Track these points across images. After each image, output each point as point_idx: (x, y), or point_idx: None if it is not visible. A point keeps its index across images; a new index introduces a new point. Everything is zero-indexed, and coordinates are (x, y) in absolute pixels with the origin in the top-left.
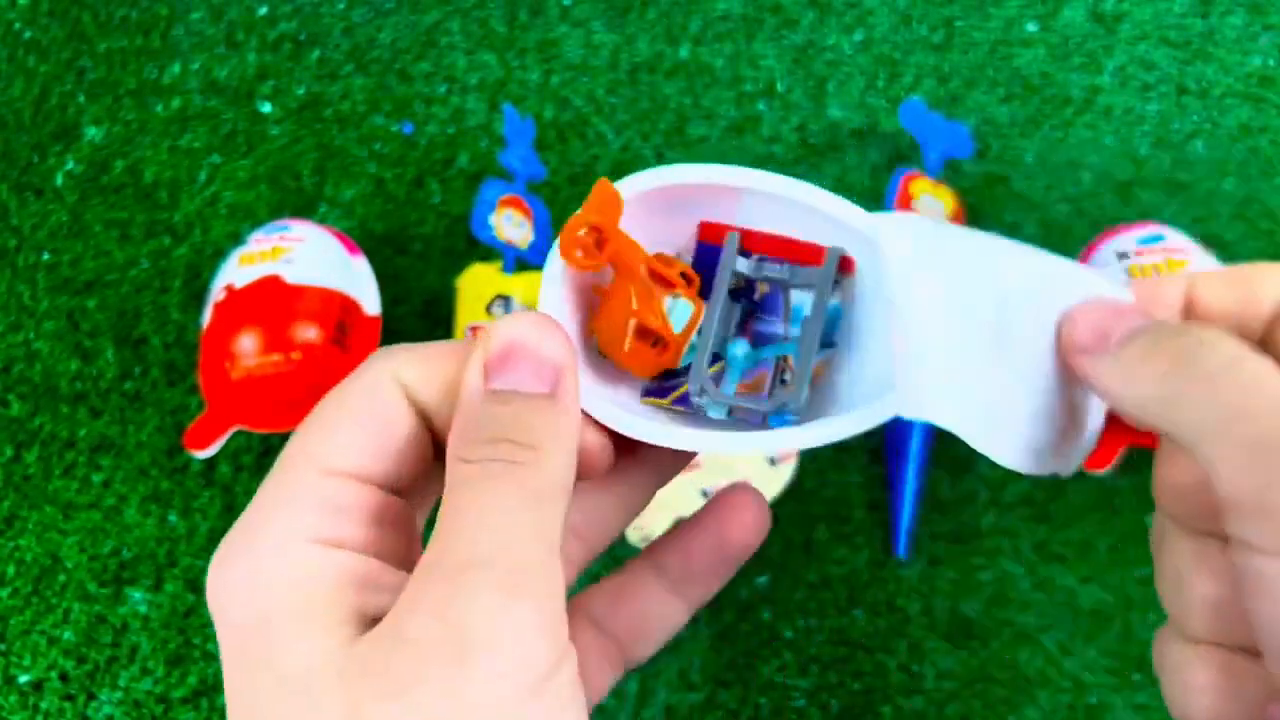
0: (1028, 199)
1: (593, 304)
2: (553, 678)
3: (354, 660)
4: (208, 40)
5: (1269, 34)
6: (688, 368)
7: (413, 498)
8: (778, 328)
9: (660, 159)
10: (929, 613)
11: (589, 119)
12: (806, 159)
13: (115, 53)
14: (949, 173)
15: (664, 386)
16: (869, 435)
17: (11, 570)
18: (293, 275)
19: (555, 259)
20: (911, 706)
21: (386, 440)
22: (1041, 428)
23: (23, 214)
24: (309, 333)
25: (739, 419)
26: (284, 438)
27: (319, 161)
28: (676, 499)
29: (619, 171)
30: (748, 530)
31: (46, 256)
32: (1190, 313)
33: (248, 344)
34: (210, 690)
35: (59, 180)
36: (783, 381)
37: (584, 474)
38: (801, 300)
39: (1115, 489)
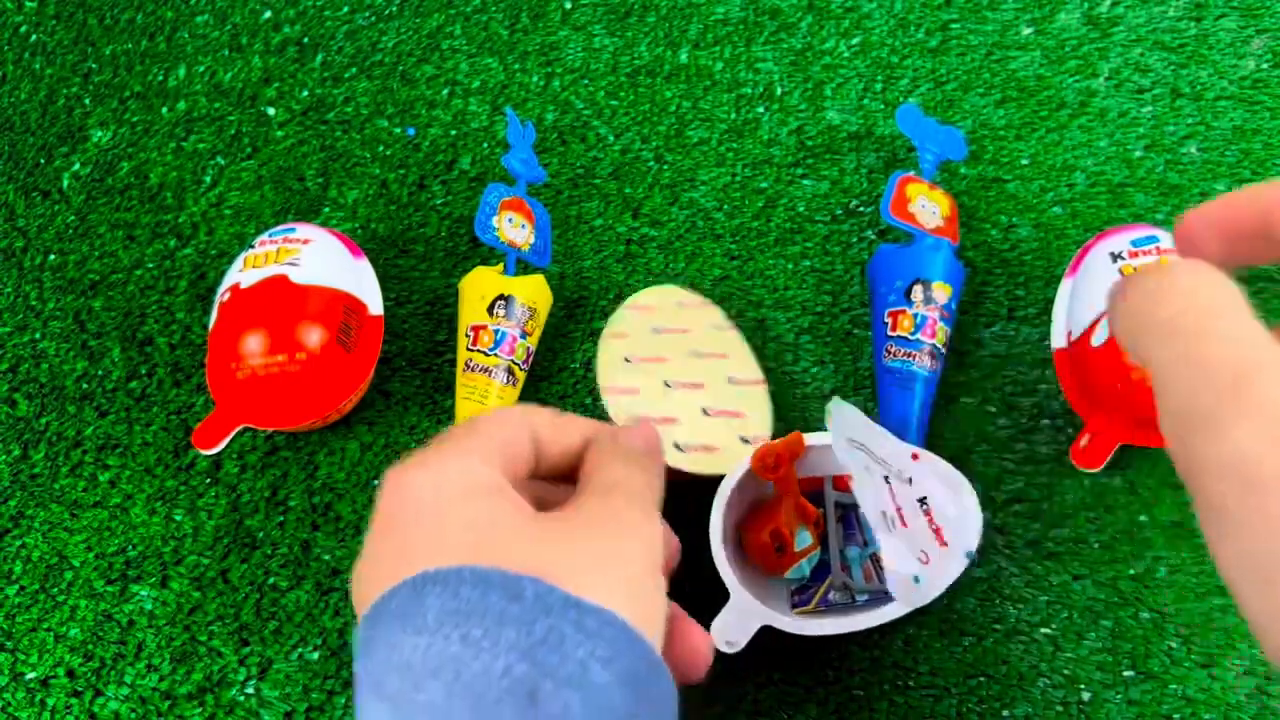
0: (1022, 201)
1: (752, 509)
2: (660, 563)
3: (540, 521)
4: (212, 44)
5: (1261, 38)
6: (813, 583)
7: None
8: (856, 535)
9: (660, 162)
10: (923, 609)
11: (590, 122)
12: (804, 162)
13: (121, 56)
14: (944, 175)
15: (804, 599)
16: None
17: (19, 568)
18: (297, 276)
19: (743, 465)
20: (906, 702)
21: (516, 448)
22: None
23: (30, 215)
24: (314, 333)
25: (848, 605)
26: (288, 437)
27: (323, 164)
28: (683, 412)
29: (619, 174)
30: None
31: (53, 257)
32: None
33: (253, 344)
34: (215, 686)
35: (65, 182)
36: (879, 567)
37: (691, 674)
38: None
39: (1108, 487)
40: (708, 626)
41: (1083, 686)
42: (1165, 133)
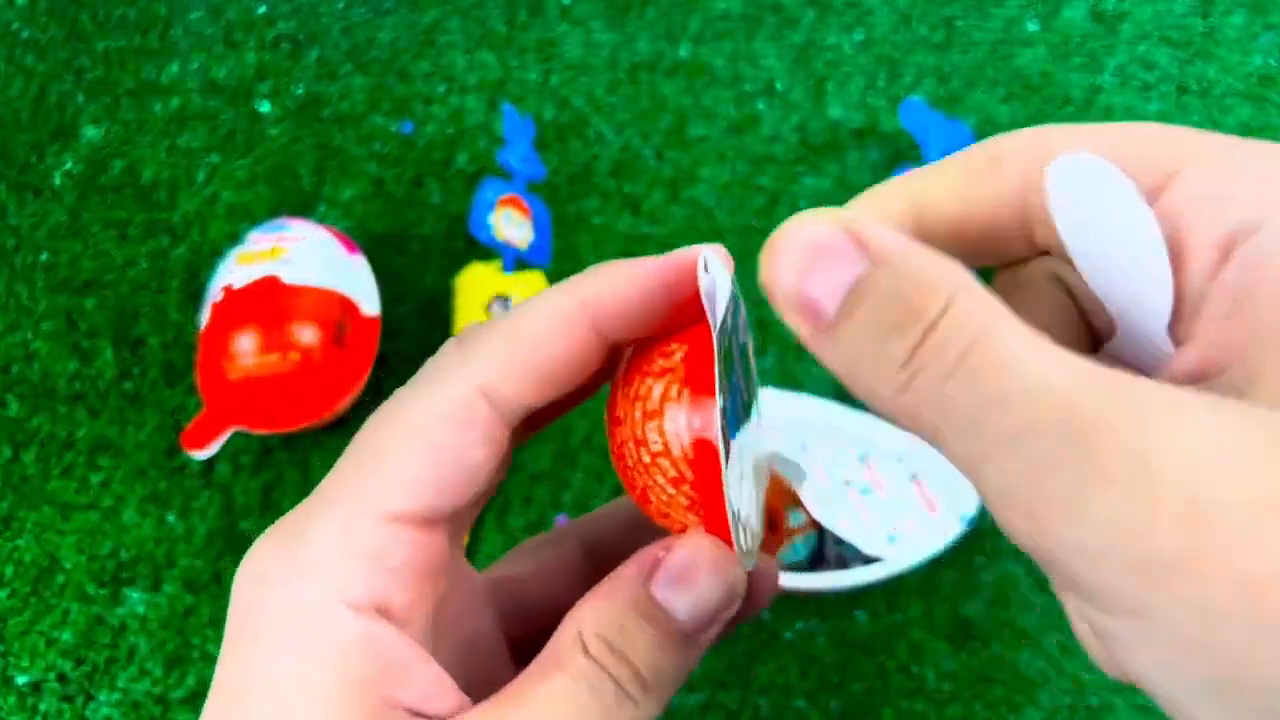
0: None
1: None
2: None
3: None
4: (206, 40)
5: (1270, 33)
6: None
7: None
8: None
9: (660, 159)
10: (930, 614)
11: (588, 118)
12: (806, 159)
13: (114, 52)
14: None
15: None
16: None
17: (10, 571)
18: (291, 275)
19: None
20: (912, 708)
21: (464, 469)
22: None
23: (21, 214)
24: (307, 333)
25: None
26: (283, 438)
27: (318, 161)
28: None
29: (619, 171)
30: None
31: (45, 256)
32: (921, 235)
33: (246, 344)
34: (209, 691)
35: (57, 180)
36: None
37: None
38: None
39: None
40: None
41: (1091, 693)
42: None
